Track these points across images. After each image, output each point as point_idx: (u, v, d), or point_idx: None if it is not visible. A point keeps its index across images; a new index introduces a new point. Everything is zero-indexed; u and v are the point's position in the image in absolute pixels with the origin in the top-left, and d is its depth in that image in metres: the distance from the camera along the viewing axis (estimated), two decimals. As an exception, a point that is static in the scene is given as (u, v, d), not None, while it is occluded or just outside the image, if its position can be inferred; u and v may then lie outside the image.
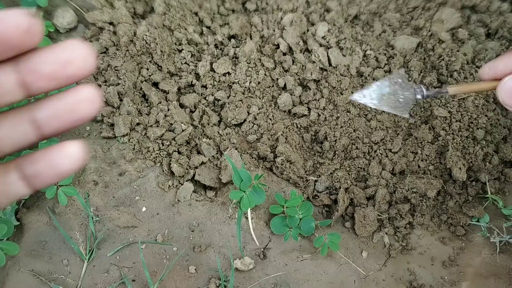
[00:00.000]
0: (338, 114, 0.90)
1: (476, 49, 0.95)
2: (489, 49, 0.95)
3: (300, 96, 0.91)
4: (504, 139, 0.90)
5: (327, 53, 0.91)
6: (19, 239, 0.75)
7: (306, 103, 0.92)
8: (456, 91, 0.63)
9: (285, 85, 0.92)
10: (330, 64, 0.92)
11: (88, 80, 0.87)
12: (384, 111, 0.81)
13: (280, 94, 0.92)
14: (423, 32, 0.95)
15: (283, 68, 0.94)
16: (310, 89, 0.92)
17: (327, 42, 0.94)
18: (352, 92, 0.82)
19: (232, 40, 0.96)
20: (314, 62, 0.92)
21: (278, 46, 0.95)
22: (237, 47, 0.95)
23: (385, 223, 0.83)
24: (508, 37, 0.97)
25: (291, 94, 0.92)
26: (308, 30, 0.96)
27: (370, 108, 0.90)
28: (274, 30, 0.96)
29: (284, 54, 0.95)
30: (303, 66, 0.92)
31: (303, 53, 0.95)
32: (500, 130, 0.89)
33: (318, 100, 0.91)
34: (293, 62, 0.94)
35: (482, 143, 0.87)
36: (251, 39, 0.96)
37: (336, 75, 0.91)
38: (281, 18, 0.97)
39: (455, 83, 0.89)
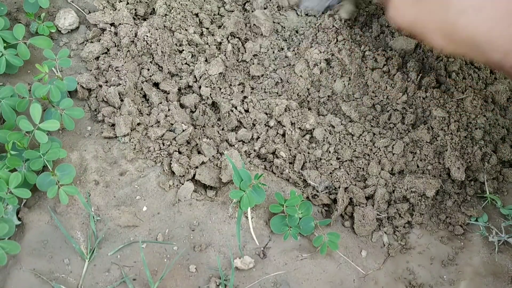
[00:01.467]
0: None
1: (474, 50, 0.95)
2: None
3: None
4: (503, 139, 0.90)
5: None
6: (21, 238, 0.75)
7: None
8: None
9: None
10: (330, 66, 0.93)
11: (89, 80, 0.88)
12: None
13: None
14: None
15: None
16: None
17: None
18: None
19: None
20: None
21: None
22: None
23: (384, 222, 0.84)
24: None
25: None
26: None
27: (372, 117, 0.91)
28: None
29: (284, 55, 0.95)
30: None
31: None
32: (498, 130, 0.90)
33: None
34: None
35: (480, 143, 0.88)
36: (251, 40, 0.97)
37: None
38: None
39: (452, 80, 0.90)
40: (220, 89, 0.91)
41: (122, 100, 0.87)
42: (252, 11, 0.99)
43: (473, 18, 0.56)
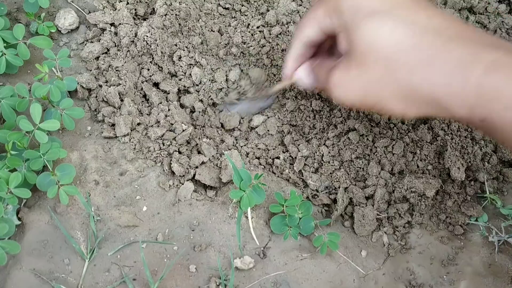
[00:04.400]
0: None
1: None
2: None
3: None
4: (503, 139, 0.90)
5: None
6: (21, 238, 0.75)
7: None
8: (274, 92, 0.86)
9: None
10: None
11: (89, 80, 0.88)
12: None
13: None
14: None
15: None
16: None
17: None
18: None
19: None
20: None
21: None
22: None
23: (384, 222, 0.84)
24: (506, 38, 0.98)
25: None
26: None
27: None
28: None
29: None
30: None
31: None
32: (498, 130, 0.89)
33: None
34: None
35: (480, 143, 0.88)
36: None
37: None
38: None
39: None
40: (221, 89, 0.91)
41: (122, 100, 0.87)
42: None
43: (426, 75, 0.50)
